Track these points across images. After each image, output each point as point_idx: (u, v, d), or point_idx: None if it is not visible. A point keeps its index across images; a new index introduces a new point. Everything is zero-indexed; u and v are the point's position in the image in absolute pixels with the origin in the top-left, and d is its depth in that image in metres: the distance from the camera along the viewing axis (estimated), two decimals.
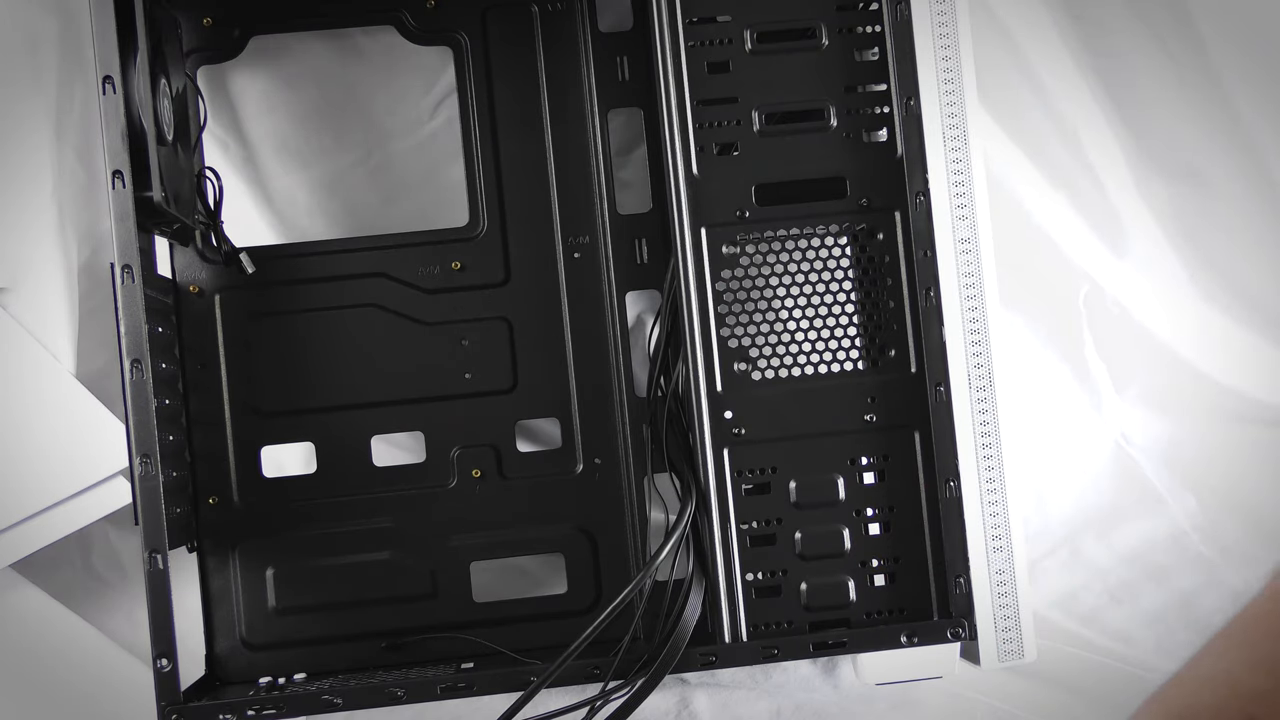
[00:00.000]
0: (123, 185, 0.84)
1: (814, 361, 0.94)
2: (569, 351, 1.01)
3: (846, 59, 0.94)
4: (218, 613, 0.99)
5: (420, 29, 1.01)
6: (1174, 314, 1.19)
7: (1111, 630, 1.09)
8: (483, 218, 1.01)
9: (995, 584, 0.91)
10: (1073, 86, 1.13)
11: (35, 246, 1.01)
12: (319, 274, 1.01)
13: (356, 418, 1.00)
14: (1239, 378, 1.20)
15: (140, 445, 0.85)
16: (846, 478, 0.93)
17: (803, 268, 0.94)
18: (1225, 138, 1.14)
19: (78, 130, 1.02)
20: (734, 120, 0.93)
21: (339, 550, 1.00)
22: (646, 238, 1.01)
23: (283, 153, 1.08)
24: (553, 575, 1.04)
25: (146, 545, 0.85)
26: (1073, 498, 1.19)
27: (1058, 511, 1.19)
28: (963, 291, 0.92)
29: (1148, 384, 1.20)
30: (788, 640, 0.91)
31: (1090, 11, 1.12)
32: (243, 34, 1.01)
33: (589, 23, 1.01)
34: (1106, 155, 1.15)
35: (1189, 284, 1.19)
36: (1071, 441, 1.20)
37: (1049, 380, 1.19)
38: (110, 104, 0.84)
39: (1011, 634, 0.91)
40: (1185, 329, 1.19)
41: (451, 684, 0.88)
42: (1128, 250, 1.17)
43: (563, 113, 1.01)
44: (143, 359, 0.85)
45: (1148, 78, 1.13)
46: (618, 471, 1.01)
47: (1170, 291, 1.19)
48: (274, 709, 0.88)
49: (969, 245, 0.92)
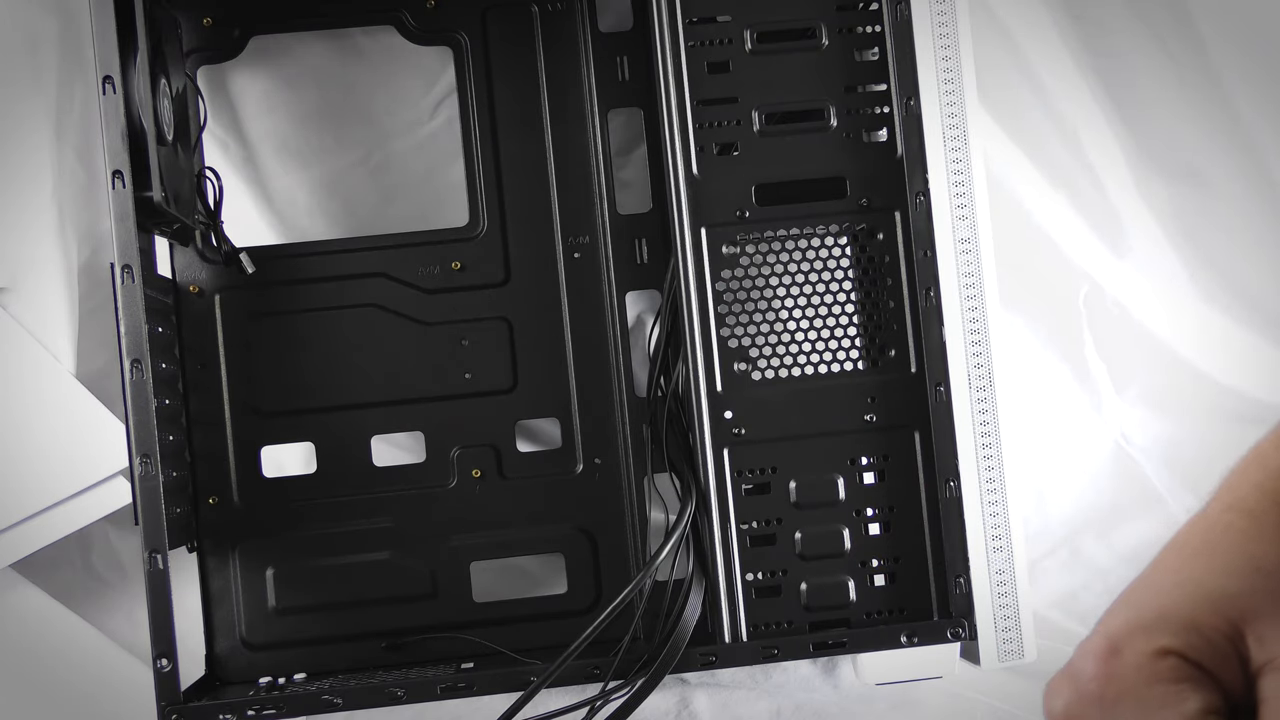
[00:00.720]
0: (123, 185, 0.84)
1: (814, 361, 0.94)
2: (569, 351, 1.01)
3: (846, 59, 0.94)
4: (218, 613, 0.99)
5: (420, 29, 1.01)
6: (1174, 314, 1.19)
7: None
8: (483, 218, 1.01)
9: (995, 584, 0.91)
10: (1073, 86, 1.13)
11: (35, 246, 1.01)
12: (319, 274, 1.01)
13: (356, 418, 1.00)
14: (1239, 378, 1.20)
15: (140, 445, 0.85)
16: (846, 478, 0.93)
17: (803, 268, 0.94)
18: (1225, 137, 1.14)
19: (78, 130, 1.01)
20: (734, 120, 0.93)
21: (339, 550, 1.00)
22: (646, 238, 1.01)
23: (283, 153, 1.08)
24: (553, 575, 1.04)
25: (146, 545, 0.85)
26: (1073, 498, 1.19)
27: (1058, 511, 1.19)
28: (963, 291, 0.92)
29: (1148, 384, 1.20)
30: (788, 640, 0.91)
31: (1090, 11, 1.12)
32: (243, 34, 1.01)
33: (589, 23, 1.01)
34: (1106, 155, 1.15)
35: (1189, 284, 1.19)
36: (1071, 441, 1.20)
37: (1049, 380, 1.19)
38: (110, 104, 0.84)
39: (1011, 634, 0.91)
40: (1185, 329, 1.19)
41: (451, 684, 0.88)
42: (1128, 250, 1.17)
43: (563, 113, 1.01)
44: (143, 359, 0.85)
45: (1148, 78, 1.13)
46: (618, 471, 1.01)
47: (1170, 291, 1.19)
48: (274, 709, 0.88)
49: (969, 245, 0.92)
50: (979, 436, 0.92)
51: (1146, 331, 1.18)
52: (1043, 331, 1.18)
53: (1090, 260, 1.16)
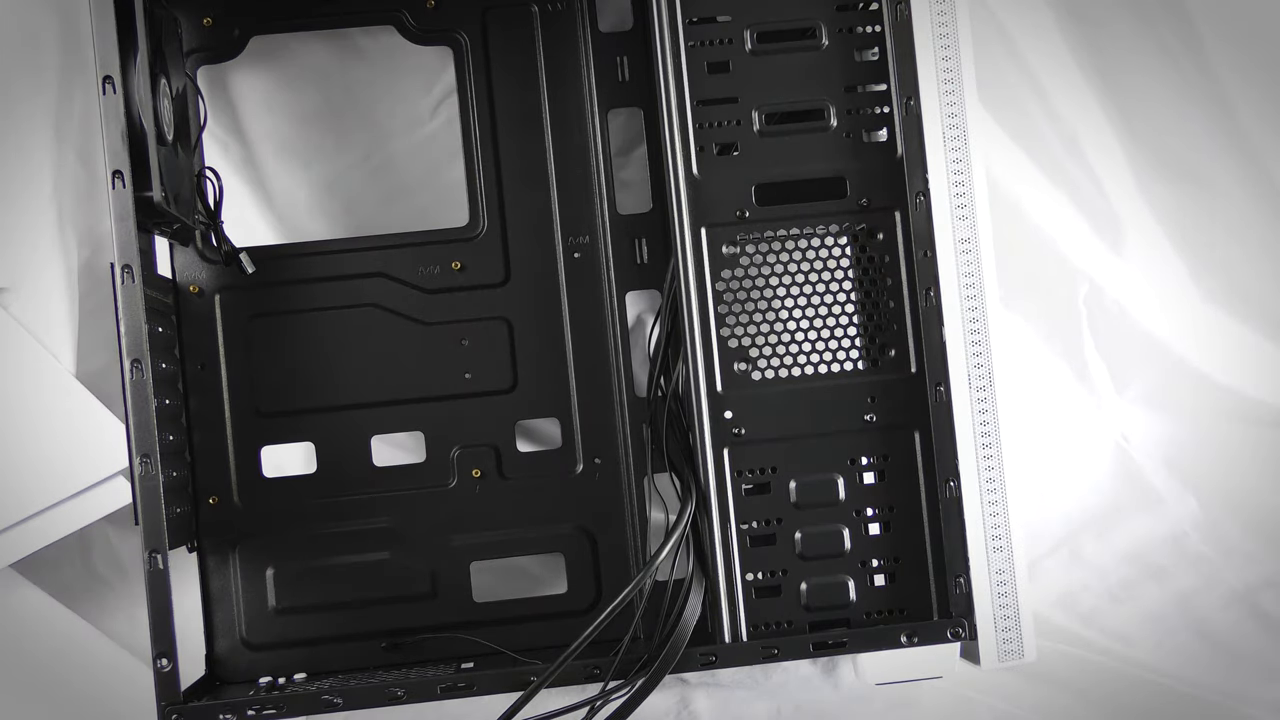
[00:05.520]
0: (123, 185, 0.84)
1: (814, 361, 0.94)
2: (569, 352, 1.01)
3: (846, 59, 0.94)
4: (218, 613, 0.99)
5: (420, 29, 1.01)
6: (1174, 314, 1.19)
7: (1111, 630, 1.09)
8: (483, 218, 1.01)
9: (995, 584, 0.91)
10: (1073, 86, 1.13)
11: (35, 246, 1.01)
12: (319, 274, 1.01)
13: (356, 418, 1.00)
14: (1239, 378, 1.20)
15: (140, 445, 0.85)
16: (846, 478, 0.93)
17: (803, 268, 0.94)
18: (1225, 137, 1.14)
19: (78, 130, 1.02)
20: (734, 120, 0.93)
21: (339, 550, 1.00)
22: (646, 238, 1.01)
23: (283, 153, 1.08)
24: (553, 575, 1.04)
25: (146, 545, 0.85)
26: (1073, 498, 1.19)
27: (1058, 511, 1.19)
28: (963, 291, 0.92)
29: (1148, 384, 1.20)
30: (788, 640, 0.91)
31: (1090, 11, 1.12)
32: (243, 34, 1.01)
33: (589, 23, 1.01)
34: (1106, 155, 1.15)
35: (1189, 284, 1.19)
36: (1071, 441, 1.20)
37: (1049, 380, 1.19)
38: (110, 104, 0.84)
39: (1011, 634, 0.91)
40: (1185, 329, 1.19)
41: (451, 684, 0.88)
42: (1128, 250, 1.17)
43: (563, 113, 1.01)
44: (143, 359, 0.85)
45: (1148, 78, 1.13)
46: (618, 471, 1.01)
47: (1170, 291, 1.19)
48: (274, 709, 0.88)
49: (969, 245, 0.92)
50: (979, 436, 0.92)
51: (1146, 331, 1.18)
52: (1043, 331, 1.18)
53: (1090, 260, 1.17)
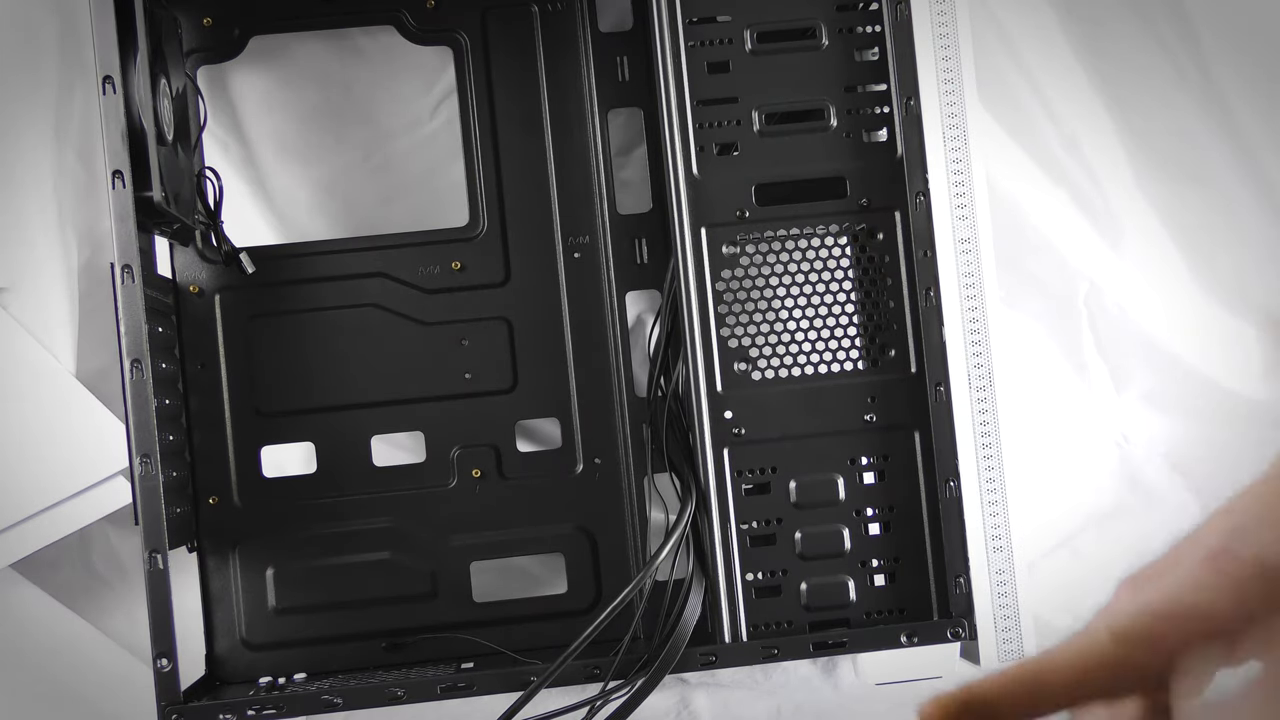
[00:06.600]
0: (123, 185, 0.84)
1: (814, 361, 0.94)
2: (569, 351, 1.01)
3: (846, 59, 0.94)
4: (218, 613, 0.99)
5: (420, 29, 1.01)
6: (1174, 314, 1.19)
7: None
8: (483, 218, 1.01)
9: (995, 584, 0.91)
10: (1073, 86, 1.13)
11: (35, 246, 1.01)
12: (319, 274, 1.01)
13: (356, 418, 1.00)
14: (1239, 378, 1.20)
15: (140, 445, 0.85)
16: (846, 478, 0.93)
17: (803, 268, 0.94)
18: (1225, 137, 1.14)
19: (78, 130, 1.02)
20: (734, 120, 0.93)
21: (339, 550, 1.00)
22: (646, 238, 1.01)
23: (283, 153, 1.08)
24: (553, 575, 1.04)
25: (146, 545, 0.85)
26: (1073, 498, 1.19)
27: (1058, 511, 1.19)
28: (963, 291, 0.92)
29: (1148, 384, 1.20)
30: (788, 640, 0.91)
31: (1090, 11, 1.12)
32: (243, 34, 1.01)
33: (589, 23, 1.01)
34: (1106, 155, 1.15)
35: (1189, 284, 1.19)
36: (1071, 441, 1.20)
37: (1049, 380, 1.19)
38: (110, 104, 0.84)
39: (1011, 634, 0.91)
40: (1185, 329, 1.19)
41: (451, 684, 0.89)
42: (1128, 250, 1.17)
43: (563, 113, 1.01)
44: (143, 359, 0.85)
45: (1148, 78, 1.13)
46: (618, 471, 1.01)
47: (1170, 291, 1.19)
48: (274, 709, 0.88)
49: (969, 245, 0.92)
50: (979, 436, 0.92)
51: (1146, 331, 1.18)
52: (1043, 332, 1.18)
53: (1090, 260, 1.16)
